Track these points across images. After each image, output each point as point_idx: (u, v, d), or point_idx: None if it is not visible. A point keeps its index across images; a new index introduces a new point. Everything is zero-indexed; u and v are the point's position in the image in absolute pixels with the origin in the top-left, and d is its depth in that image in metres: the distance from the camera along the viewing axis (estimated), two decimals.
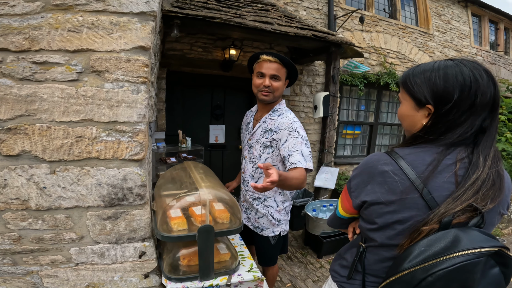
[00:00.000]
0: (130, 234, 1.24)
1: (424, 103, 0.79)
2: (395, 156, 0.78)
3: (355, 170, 0.86)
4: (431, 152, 0.76)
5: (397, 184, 0.74)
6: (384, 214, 0.77)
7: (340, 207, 0.93)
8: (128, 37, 1.11)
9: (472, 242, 0.62)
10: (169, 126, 3.35)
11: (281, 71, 1.52)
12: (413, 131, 0.83)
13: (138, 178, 1.18)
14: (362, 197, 0.82)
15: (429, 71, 0.79)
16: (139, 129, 1.13)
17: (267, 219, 1.61)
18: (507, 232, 4.12)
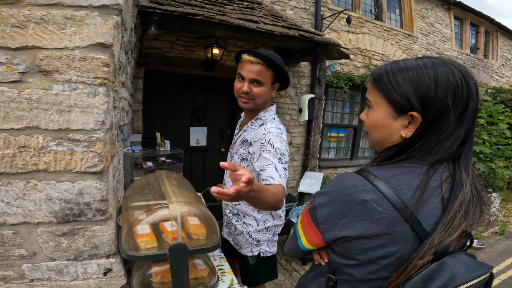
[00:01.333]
0: (92, 250, 1.12)
1: (406, 109, 0.65)
2: (374, 179, 0.63)
3: (322, 195, 0.69)
4: (416, 174, 0.63)
5: (382, 216, 0.60)
6: (366, 250, 0.63)
7: (304, 239, 0.75)
8: (85, 32, 0.98)
9: (468, 272, 0.58)
10: (146, 128, 3.19)
11: (265, 74, 1.28)
12: (387, 144, 0.70)
13: (97, 193, 1.04)
14: (336, 232, 0.66)
15: (414, 68, 0.65)
16: (96, 138, 0.99)
17: (244, 238, 1.45)
18: (486, 235, 4.21)
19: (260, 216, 1.41)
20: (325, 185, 0.71)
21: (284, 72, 1.32)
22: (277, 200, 1.08)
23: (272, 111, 1.41)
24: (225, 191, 0.74)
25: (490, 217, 4.30)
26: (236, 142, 1.45)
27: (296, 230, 0.78)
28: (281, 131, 1.31)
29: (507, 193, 6.37)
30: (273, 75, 1.32)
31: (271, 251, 1.48)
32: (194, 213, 1.21)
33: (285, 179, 1.20)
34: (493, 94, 7.38)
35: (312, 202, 0.72)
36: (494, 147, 5.71)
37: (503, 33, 7.96)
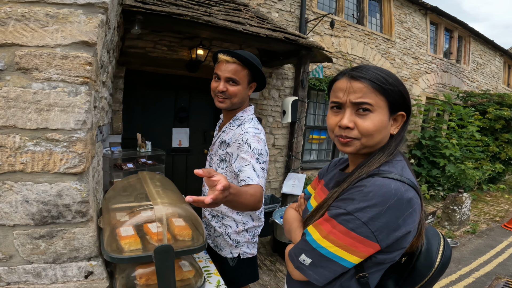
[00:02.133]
0: (71, 253, 1.09)
1: (397, 109, 0.75)
2: (401, 178, 0.69)
3: (369, 209, 0.66)
4: (405, 165, 0.76)
5: (418, 206, 0.70)
6: (411, 237, 0.73)
7: (355, 257, 0.70)
8: (68, 30, 0.95)
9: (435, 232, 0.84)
10: (126, 129, 3.12)
11: (240, 73, 1.29)
12: (381, 144, 0.76)
13: (77, 194, 1.01)
14: (396, 234, 0.67)
15: (391, 74, 0.75)
16: (77, 138, 0.96)
17: (224, 239, 1.44)
18: (459, 234, 4.35)
19: (239, 218, 1.41)
20: (360, 199, 0.68)
21: (260, 72, 1.34)
22: (256, 201, 1.09)
23: (250, 111, 1.41)
24: (201, 199, 0.73)
25: (462, 217, 4.46)
26: (215, 143, 1.45)
27: (330, 255, 0.71)
28: (259, 131, 1.32)
29: (477, 193, 6.68)
30: (249, 74, 1.33)
31: (252, 253, 1.48)
32: (179, 214, 1.19)
33: (263, 179, 1.20)
34: (464, 98, 7.72)
35: (351, 221, 0.67)
36: (464, 149, 6.01)
37: (475, 38, 8.31)
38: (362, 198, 0.67)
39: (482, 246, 3.97)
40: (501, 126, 7.08)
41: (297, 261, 0.76)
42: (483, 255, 3.67)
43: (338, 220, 0.69)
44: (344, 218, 0.69)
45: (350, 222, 0.67)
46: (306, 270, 0.74)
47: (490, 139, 7.17)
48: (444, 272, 0.80)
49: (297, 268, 0.76)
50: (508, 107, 7.08)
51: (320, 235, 0.72)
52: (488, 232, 4.50)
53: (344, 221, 0.68)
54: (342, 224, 0.69)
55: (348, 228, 0.68)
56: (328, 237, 0.71)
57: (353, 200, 0.69)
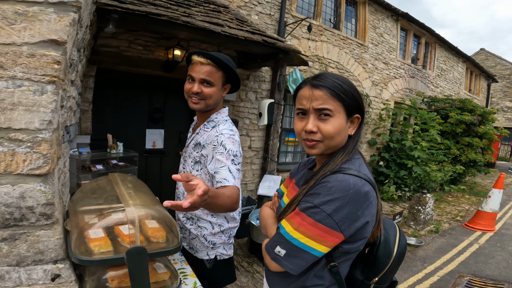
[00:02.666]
0: (36, 256, 1.05)
1: (353, 112, 0.83)
2: (358, 174, 0.78)
3: (332, 202, 0.74)
4: (362, 162, 0.85)
5: (374, 198, 0.79)
6: (370, 227, 0.81)
7: (323, 247, 0.77)
8: (36, 28, 0.93)
9: (391, 223, 0.93)
10: (96, 129, 3.01)
11: (215, 75, 1.29)
12: (340, 145, 0.86)
13: (42, 196, 0.98)
14: (357, 224, 0.75)
15: (346, 80, 0.84)
16: (41, 138, 0.93)
17: (199, 241, 1.43)
18: (423, 234, 4.54)
19: (214, 220, 1.41)
20: (325, 193, 0.75)
21: (234, 73, 1.36)
22: (233, 202, 1.11)
23: (224, 113, 1.42)
24: (179, 203, 0.73)
25: (426, 216, 4.68)
26: (189, 145, 1.44)
27: (302, 246, 0.77)
28: (233, 132, 1.33)
29: (440, 194, 7.07)
30: (223, 76, 1.34)
31: (228, 254, 1.48)
32: (153, 216, 1.18)
33: (239, 180, 1.23)
34: (428, 103, 8.18)
35: (318, 213, 0.75)
36: (428, 152, 6.37)
37: (441, 44, 8.80)
38: (326, 193, 0.75)
39: (445, 245, 4.15)
40: (462, 130, 7.59)
41: (273, 253, 0.83)
42: (446, 254, 3.83)
43: (307, 213, 0.77)
44: (311, 211, 0.76)
45: (317, 214, 0.75)
46: (281, 261, 0.81)
47: (452, 142, 7.65)
48: (402, 261, 0.88)
49: (273, 259, 0.83)
50: (468, 112, 7.59)
51: (292, 227, 0.79)
52: (450, 231, 4.72)
53: (312, 214, 0.76)
54: (310, 217, 0.76)
55: (315, 219, 0.75)
56: (299, 229, 0.78)
57: (319, 194, 0.77)
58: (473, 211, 5.93)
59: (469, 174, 8.32)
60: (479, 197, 7.32)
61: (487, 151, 8.52)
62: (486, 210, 4.86)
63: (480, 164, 8.08)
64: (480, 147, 7.98)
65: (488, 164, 9.85)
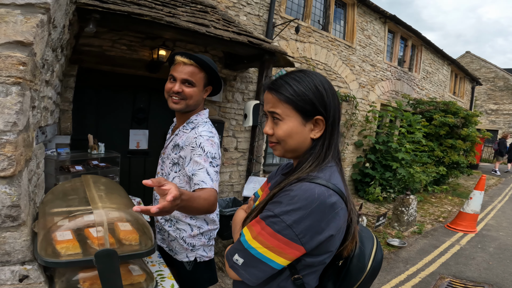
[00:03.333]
0: (3, 257, 1.05)
1: (312, 114, 0.78)
2: (327, 184, 0.73)
3: (293, 212, 0.69)
4: (336, 171, 0.79)
5: (343, 210, 0.74)
6: (336, 240, 0.76)
7: (282, 259, 0.73)
8: (2, 30, 0.92)
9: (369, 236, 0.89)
10: (77, 129, 2.95)
11: (197, 75, 1.30)
12: (302, 149, 0.81)
13: (7, 198, 0.96)
14: (319, 237, 0.71)
15: (306, 78, 0.78)
16: (6, 140, 0.92)
17: (178, 243, 1.42)
18: (406, 235, 4.60)
19: (193, 222, 1.41)
20: (286, 202, 0.71)
21: (216, 75, 1.36)
22: (210, 204, 1.11)
23: (204, 115, 1.42)
24: (148, 208, 0.73)
25: (409, 218, 4.74)
26: (168, 146, 1.44)
27: (259, 256, 0.73)
28: (213, 134, 1.33)
29: (423, 195, 7.19)
30: (205, 77, 1.34)
31: (208, 256, 1.48)
32: (126, 218, 1.17)
33: (217, 183, 1.22)
34: (413, 105, 8.31)
35: (278, 223, 0.71)
36: (412, 154, 6.49)
37: (427, 47, 8.93)
38: (288, 202, 0.71)
39: (427, 246, 4.19)
40: (445, 132, 7.75)
41: (231, 260, 0.78)
42: (428, 255, 3.87)
43: (267, 222, 0.73)
44: (271, 220, 0.72)
45: (276, 224, 0.71)
46: (239, 270, 0.77)
47: (435, 144, 7.80)
48: (376, 276, 0.85)
49: (231, 267, 0.79)
50: (452, 115, 7.76)
51: (251, 236, 0.75)
52: (433, 232, 4.78)
53: (271, 223, 0.72)
54: (270, 226, 0.72)
55: (274, 230, 0.71)
56: (257, 238, 0.74)
57: (281, 203, 0.72)
58: (455, 212, 6.02)
59: (452, 175, 8.49)
60: (461, 198, 7.44)
61: (470, 153, 8.71)
62: (467, 211, 4.91)
63: (463, 166, 8.25)
64: (463, 149, 8.15)
65: (471, 165, 10.08)
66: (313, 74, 0.80)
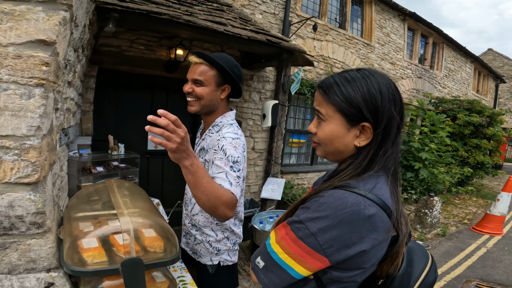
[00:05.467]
0: (28, 265, 1.03)
1: (358, 120, 0.69)
2: (367, 194, 0.65)
3: (319, 220, 0.64)
4: (383, 182, 0.70)
5: (383, 225, 0.65)
6: (372, 257, 0.67)
7: (302, 268, 0.67)
8: (23, 28, 0.88)
9: (423, 250, 0.82)
10: (97, 130, 2.97)
11: (207, 74, 1.24)
12: (343, 155, 0.74)
13: (32, 205, 0.93)
14: (348, 251, 0.64)
15: (360, 80, 0.69)
16: (29, 145, 0.88)
17: (204, 247, 1.40)
18: (430, 237, 4.47)
19: (218, 227, 1.38)
20: (314, 209, 0.66)
21: (228, 73, 1.28)
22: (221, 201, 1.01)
23: (230, 116, 1.36)
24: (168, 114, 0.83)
25: (432, 220, 4.60)
26: (195, 151, 1.41)
27: (279, 261, 0.69)
28: (237, 136, 1.27)
29: (447, 196, 6.95)
30: (218, 76, 1.27)
31: (232, 260, 1.45)
32: (150, 225, 1.14)
33: (237, 187, 1.14)
34: (435, 104, 8.06)
35: (302, 229, 0.66)
36: (436, 154, 6.26)
37: (448, 44, 8.65)
38: (315, 208, 0.66)
39: (452, 248, 4.07)
40: (470, 132, 7.46)
41: (253, 262, 0.75)
42: (453, 258, 3.76)
43: (291, 227, 0.68)
44: (296, 226, 0.67)
45: (301, 231, 0.66)
46: (258, 273, 0.73)
47: (459, 144, 7.52)
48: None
49: (252, 269, 0.76)
50: (477, 113, 7.46)
51: (275, 239, 0.71)
52: (458, 235, 4.65)
53: (296, 229, 0.67)
54: (294, 232, 0.67)
55: (297, 236, 0.66)
56: (280, 243, 0.69)
57: (308, 209, 0.67)
58: (480, 214, 5.83)
59: (477, 176, 8.19)
60: (486, 200, 7.20)
61: (495, 153, 8.38)
62: (494, 213, 4.77)
63: (488, 166, 7.95)
64: (488, 149, 7.83)
65: (496, 166, 9.69)
66: (371, 75, 0.70)
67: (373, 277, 0.74)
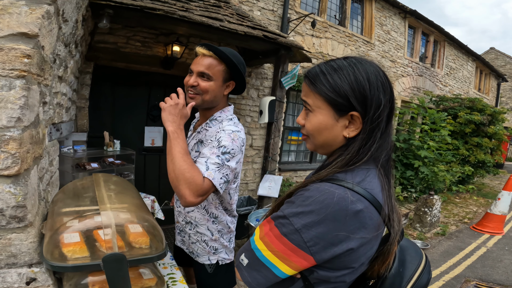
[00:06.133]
0: (9, 259, 1.02)
1: (346, 109, 0.65)
2: (354, 187, 0.62)
3: (304, 215, 0.60)
4: (373, 175, 0.66)
5: (372, 222, 0.61)
6: (361, 256, 0.63)
7: (286, 267, 0.64)
8: (5, 22, 0.88)
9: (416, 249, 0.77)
10: (93, 127, 2.96)
11: (215, 68, 1.18)
12: (332, 147, 0.71)
13: (11, 198, 0.92)
14: (334, 249, 0.60)
15: (347, 68, 0.66)
16: (10, 136, 0.87)
17: (201, 246, 1.37)
18: (429, 236, 4.43)
19: (214, 226, 1.35)
20: (299, 203, 0.62)
21: (237, 69, 1.22)
22: (184, 177, 0.99)
23: (229, 111, 1.31)
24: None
25: (432, 219, 4.56)
26: (189, 144, 1.35)
27: (263, 259, 0.66)
28: (238, 129, 1.21)
29: (447, 195, 6.91)
30: (226, 71, 1.22)
31: (230, 258, 1.43)
32: (137, 220, 1.12)
33: (216, 172, 1.07)
34: (436, 102, 7.99)
35: (286, 225, 0.62)
36: (436, 152, 6.22)
37: (450, 42, 8.58)
38: (300, 203, 0.62)
39: (451, 248, 4.04)
40: (471, 130, 7.40)
41: (237, 260, 0.72)
42: (452, 257, 3.73)
43: (275, 223, 0.65)
44: (280, 222, 0.64)
45: (284, 227, 0.63)
46: (242, 271, 0.70)
47: (460, 142, 7.46)
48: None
49: (236, 266, 0.73)
50: (478, 112, 7.40)
51: (259, 235, 0.67)
52: (457, 234, 4.61)
53: (280, 225, 0.64)
54: (278, 227, 0.64)
55: (281, 232, 0.63)
56: (264, 239, 0.66)
57: (293, 203, 0.64)
58: (481, 213, 5.79)
59: (478, 175, 8.14)
60: (487, 199, 7.15)
61: (496, 151, 8.33)
62: (495, 212, 4.74)
63: (489, 165, 7.90)
64: (489, 148, 7.77)
65: (497, 165, 9.62)
66: (358, 62, 0.67)
67: (363, 278, 0.71)
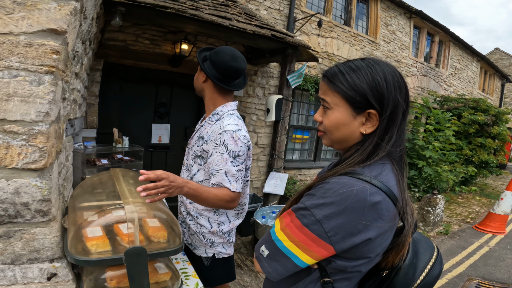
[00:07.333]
0: (32, 254, 1.03)
1: (363, 107, 0.69)
2: (372, 181, 0.65)
3: (325, 207, 0.63)
4: (389, 169, 0.70)
5: (388, 213, 0.65)
6: (377, 246, 0.67)
7: (307, 256, 0.67)
8: (35, 18, 0.90)
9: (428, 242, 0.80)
10: (102, 123, 2.99)
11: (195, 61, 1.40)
12: (348, 142, 0.74)
13: (38, 192, 0.94)
14: (353, 239, 0.63)
15: (365, 68, 0.69)
16: (38, 131, 0.89)
17: (198, 238, 1.40)
18: (432, 235, 4.45)
19: (215, 217, 1.38)
20: (319, 195, 0.65)
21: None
22: (221, 200, 1.20)
23: (231, 106, 1.38)
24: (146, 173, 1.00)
25: (435, 218, 4.59)
26: (193, 137, 1.42)
27: (284, 249, 0.69)
28: (239, 127, 1.28)
29: (450, 195, 6.91)
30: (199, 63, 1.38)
31: (227, 253, 1.45)
32: (154, 214, 1.15)
33: (237, 182, 1.25)
34: (440, 102, 7.98)
35: (307, 216, 0.65)
36: (440, 152, 6.22)
37: (455, 43, 8.55)
38: (321, 195, 0.65)
39: (454, 247, 4.07)
40: (475, 130, 7.39)
41: (257, 251, 0.75)
42: (455, 256, 3.76)
43: (296, 215, 0.68)
44: (301, 213, 0.67)
45: (306, 218, 0.66)
46: (262, 262, 0.73)
47: (464, 142, 7.46)
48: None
49: (256, 258, 0.76)
50: (482, 112, 7.39)
51: (280, 227, 0.71)
52: (460, 233, 4.64)
53: (301, 216, 0.67)
54: (299, 219, 0.67)
55: (302, 223, 0.66)
56: (285, 230, 0.69)
57: (313, 195, 0.67)
58: (483, 213, 5.81)
59: (481, 175, 8.13)
60: (490, 199, 7.16)
61: (499, 152, 8.32)
62: (497, 212, 4.76)
63: (492, 165, 7.89)
64: (492, 148, 7.77)
65: (500, 165, 9.61)
66: (375, 63, 0.71)
67: (377, 269, 0.74)
